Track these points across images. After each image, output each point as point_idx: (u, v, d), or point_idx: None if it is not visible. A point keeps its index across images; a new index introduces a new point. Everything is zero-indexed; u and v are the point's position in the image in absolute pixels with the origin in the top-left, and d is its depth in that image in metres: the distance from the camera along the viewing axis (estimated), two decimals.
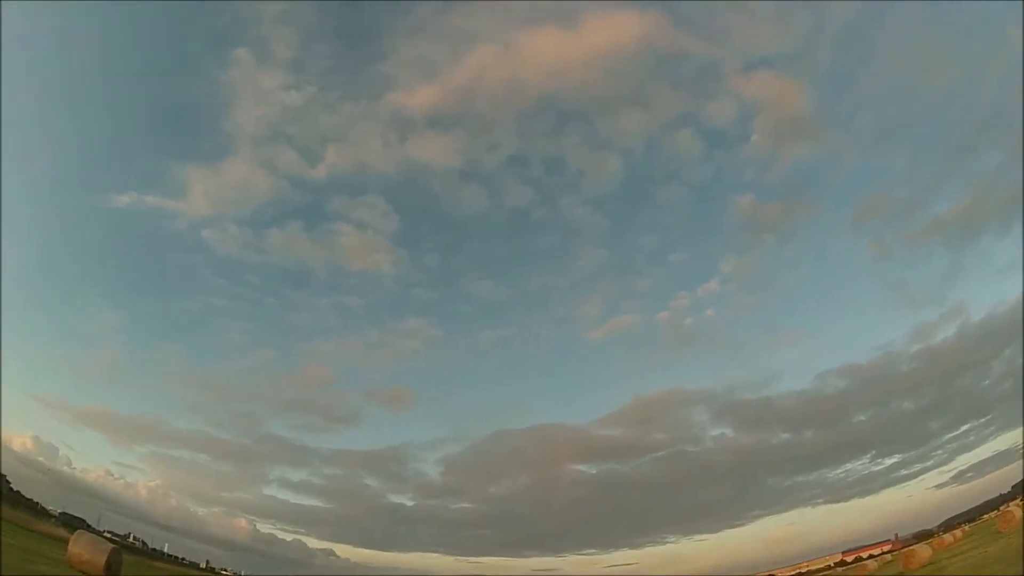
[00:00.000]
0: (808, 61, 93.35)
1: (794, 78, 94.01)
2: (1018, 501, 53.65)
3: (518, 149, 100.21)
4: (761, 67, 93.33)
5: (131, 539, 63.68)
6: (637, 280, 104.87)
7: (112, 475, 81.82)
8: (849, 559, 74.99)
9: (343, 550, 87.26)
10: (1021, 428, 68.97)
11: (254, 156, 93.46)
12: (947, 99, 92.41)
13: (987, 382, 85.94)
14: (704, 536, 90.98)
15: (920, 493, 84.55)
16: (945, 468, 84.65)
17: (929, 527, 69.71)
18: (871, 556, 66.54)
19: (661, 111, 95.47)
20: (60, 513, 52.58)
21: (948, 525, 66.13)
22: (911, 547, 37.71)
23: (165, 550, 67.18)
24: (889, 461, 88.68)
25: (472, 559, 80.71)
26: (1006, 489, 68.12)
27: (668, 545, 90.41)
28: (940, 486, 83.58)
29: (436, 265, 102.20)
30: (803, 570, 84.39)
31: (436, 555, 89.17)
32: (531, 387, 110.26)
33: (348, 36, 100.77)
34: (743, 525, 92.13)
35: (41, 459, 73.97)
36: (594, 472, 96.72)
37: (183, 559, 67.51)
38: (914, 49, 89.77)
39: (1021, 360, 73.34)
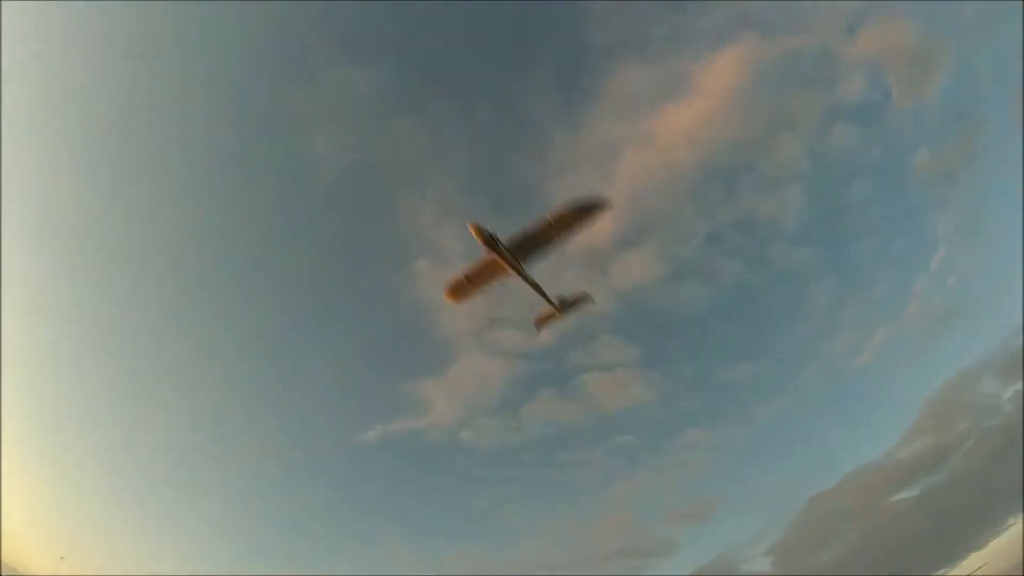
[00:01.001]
0: None
1: (890, 12, 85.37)
2: None
3: (708, 228, 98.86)
4: (858, 25, 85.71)
5: None
6: (872, 288, 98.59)
7: None
8: None
9: None
10: None
11: (478, 349, 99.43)
12: None
13: None
14: None
15: None
16: None
17: None
18: None
19: (806, 121, 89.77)
20: None
21: None
22: None
23: None
24: None
25: None
26: None
27: (1010, 528, 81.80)
28: None
29: (689, 371, 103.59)
30: None
31: None
32: (822, 441, 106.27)
33: (504, 204, 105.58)
34: None
35: None
36: (916, 493, 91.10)
37: None
38: None
39: None
